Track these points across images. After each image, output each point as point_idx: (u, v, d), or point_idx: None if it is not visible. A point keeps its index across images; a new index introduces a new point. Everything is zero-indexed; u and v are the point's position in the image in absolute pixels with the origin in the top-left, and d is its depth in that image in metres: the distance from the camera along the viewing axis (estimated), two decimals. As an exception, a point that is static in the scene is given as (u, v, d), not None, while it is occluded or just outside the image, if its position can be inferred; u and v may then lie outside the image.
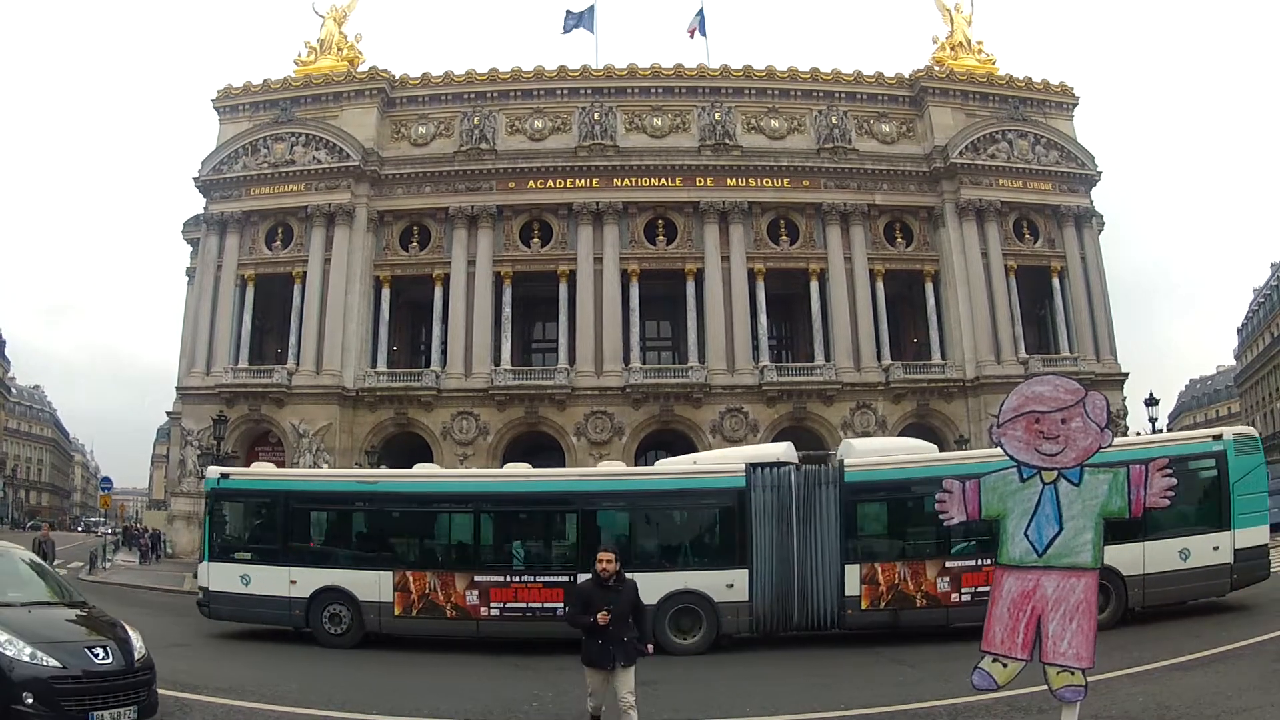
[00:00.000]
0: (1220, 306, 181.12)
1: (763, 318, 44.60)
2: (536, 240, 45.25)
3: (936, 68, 47.81)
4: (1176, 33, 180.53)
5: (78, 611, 9.79)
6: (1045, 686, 6.29)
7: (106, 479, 57.84)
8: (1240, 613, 17.31)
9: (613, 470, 21.21)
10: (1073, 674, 5.88)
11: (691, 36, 50.03)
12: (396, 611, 17.40)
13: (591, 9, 48.92)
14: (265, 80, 46.80)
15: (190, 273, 50.09)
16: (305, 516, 19.09)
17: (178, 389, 45.15)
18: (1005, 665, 6.07)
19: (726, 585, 16.56)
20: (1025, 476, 6.22)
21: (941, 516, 6.69)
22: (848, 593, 16.45)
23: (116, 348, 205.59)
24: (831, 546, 16.66)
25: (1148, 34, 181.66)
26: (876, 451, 19.31)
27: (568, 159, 45.27)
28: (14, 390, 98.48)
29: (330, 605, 17.61)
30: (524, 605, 16.98)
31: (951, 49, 49.06)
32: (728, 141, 45.31)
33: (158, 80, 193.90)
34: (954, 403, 43.78)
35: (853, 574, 16.49)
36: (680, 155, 45.44)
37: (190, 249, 51.37)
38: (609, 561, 9.02)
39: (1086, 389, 6.22)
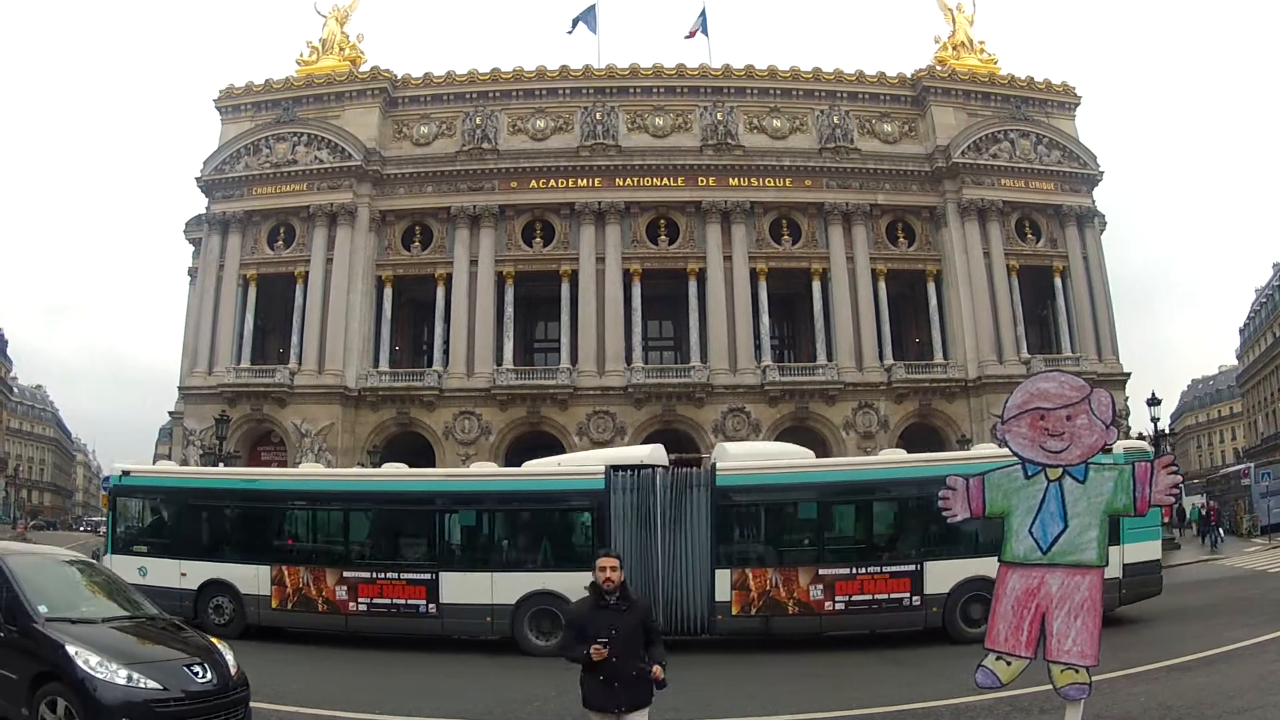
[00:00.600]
0: (1222, 306, 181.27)
1: (765, 317, 44.60)
2: (539, 240, 45.25)
3: (938, 67, 47.78)
4: (1178, 33, 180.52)
5: (160, 625, 9.16)
6: (1046, 686, 6.28)
7: (108, 478, 57.78)
8: (1240, 613, 17.31)
9: (476, 471, 21.63)
10: (1077, 672, 5.86)
11: (690, 38, 49.96)
12: (274, 604, 17.82)
13: (593, 8, 48.88)
14: (267, 80, 46.80)
15: (192, 273, 50.09)
16: (195, 512, 19.54)
17: (180, 389, 45.12)
18: (1009, 663, 6.06)
19: (584, 587, 16.48)
20: (1030, 473, 6.20)
21: (945, 514, 6.68)
22: (718, 598, 16.25)
23: (118, 348, 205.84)
24: (702, 550, 16.46)
25: (1149, 34, 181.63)
26: (750, 456, 19.29)
27: (570, 159, 45.26)
28: (16, 390, 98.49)
29: (215, 597, 18.08)
30: (389, 602, 17.19)
31: (953, 48, 49.03)
32: (730, 141, 45.29)
33: (159, 80, 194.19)
34: (956, 402, 43.76)
35: (723, 579, 16.32)
36: (682, 155, 45.43)
37: (192, 249, 51.35)
38: (612, 570, 6.81)
39: (1092, 387, 6.20)
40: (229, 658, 8.58)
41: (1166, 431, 43.02)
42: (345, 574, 17.47)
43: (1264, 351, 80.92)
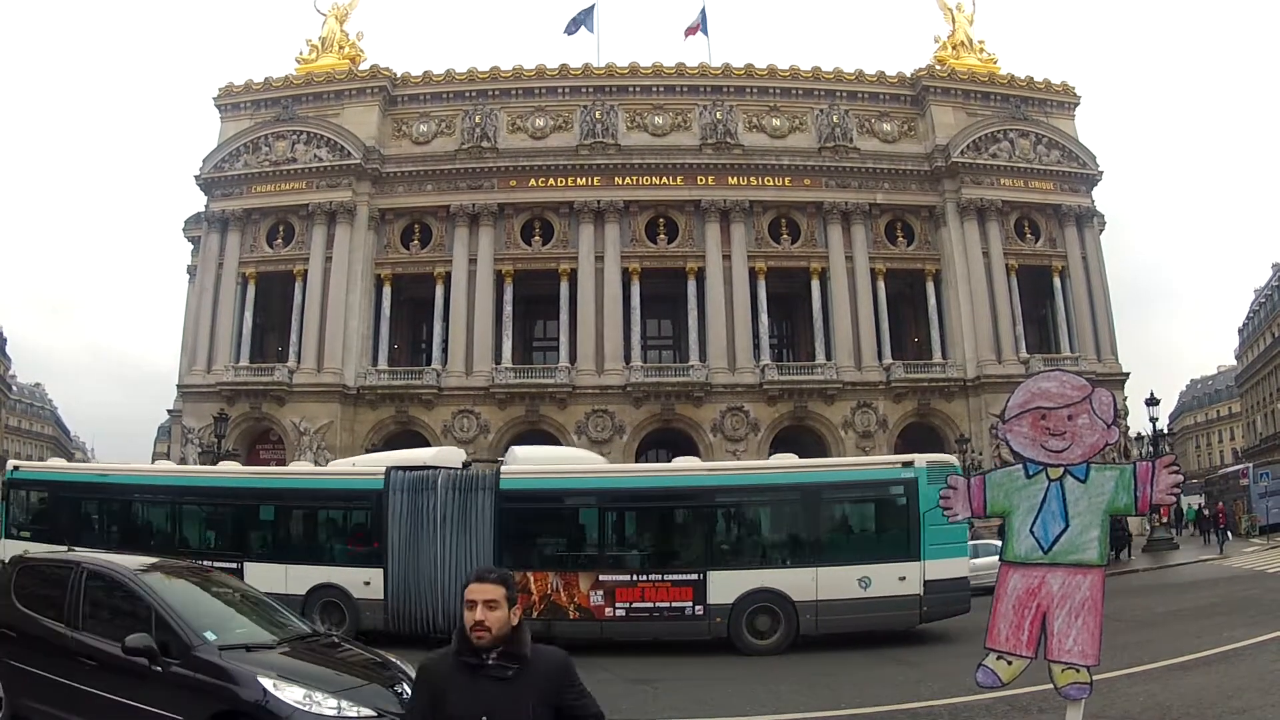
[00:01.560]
0: (1221, 307, 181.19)
1: (764, 317, 44.60)
2: (538, 239, 45.23)
3: (938, 67, 47.78)
4: (1177, 33, 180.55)
5: (324, 642, 8.22)
6: (1045, 686, 6.27)
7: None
8: (1238, 613, 17.32)
9: (281, 470, 24.05)
10: (1078, 671, 5.85)
11: (687, 37, 49.92)
12: None
13: (592, 8, 48.87)
14: (267, 78, 46.79)
15: (191, 271, 50.04)
16: (69, 503, 20.93)
17: (179, 387, 45.08)
18: (1010, 662, 6.05)
19: (364, 583, 17.12)
20: (1031, 473, 6.19)
21: (946, 514, 6.67)
22: (535, 594, 16.39)
23: (117, 346, 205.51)
24: (484, 552, 16.58)
25: (1149, 34, 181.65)
26: (537, 460, 19.35)
27: (569, 157, 45.25)
28: (15, 388, 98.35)
29: None
30: None
31: (953, 48, 49.05)
32: (729, 140, 45.28)
33: (159, 78, 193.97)
34: (955, 402, 43.78)
35: (523, 582, 16.35)
36: (681, 154, 45.42)
37: (191, 247, 51.30)
38: (488, 607, 3.89)
39: (1094, 386, 6.19)
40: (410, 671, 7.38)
41: (1165, 431, 43.03)
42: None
43: (1263, 352, 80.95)
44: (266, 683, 6.65)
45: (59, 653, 7.66)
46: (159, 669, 6.93)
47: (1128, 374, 44.75)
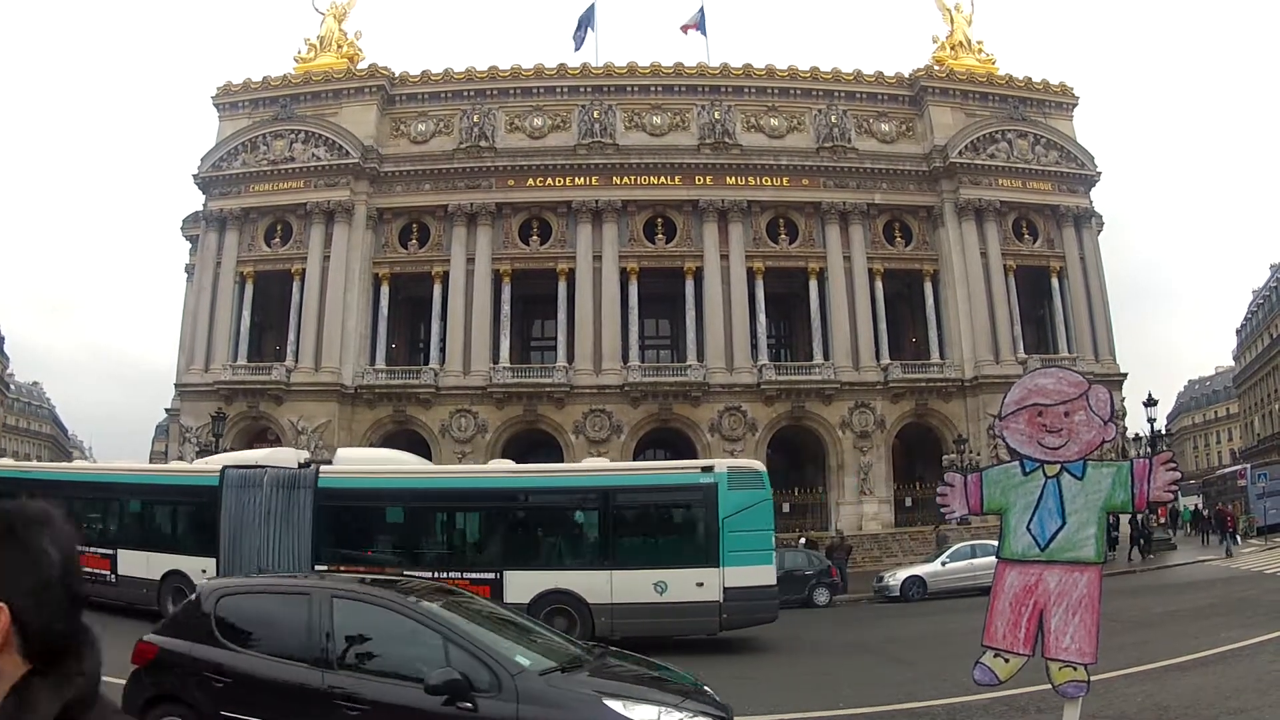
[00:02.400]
0: (1219, 308, 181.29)
1: (761, 316, 44.57)
2: (536, 238, 45.20)
3: (936, 67, 47.77)
4: (1176, 34, 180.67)
5: (608, 654, 7.58)
6: (1042, 685, 6.25)
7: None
8: (1236, 613, 17.32)
9: (130, 466, 25.02)
10: (1075, 669, 5.84)
11: (685, 33, 49.90)
12: None
13: (592, 7, 48.85)
14: (265, 77, 46.74)
15: (189, 270, 49.98)
16: None
17: (176, 386, 45.02)
18: (1007, 660, 6.03)
19: (202, 570, 17.99)
20: (1028, 470, 6.18)
21: (943, 510, 6.65)
22: None
23: (115, 344, 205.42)
24: (304, 546, 17.56)
25: (1147, 35, 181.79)
26: (358, 461, 20.49)
27: (567, 157, 45.22)
28: (13, 387, 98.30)
29: None
30: (88, 570, 20.22)
31: (951, 49, 49.03)
32: (727, 140, 45.26)
33: (157, 77, 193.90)
34: (952, 402, 43.77)
35: None
36: (679, 154, 45.39)
37: (189, 246, 51.25)
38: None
39: (1090, 383, 6.18)
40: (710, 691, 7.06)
41: (1163, 432, 42.98)
42: None
43: (1261, 353, 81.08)
44: (615, 705, 6.04)
45: (303, 698, 6.57)
46: (468, 706, 6.01)
47: (1126, 374, 44.76)
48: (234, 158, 45.50)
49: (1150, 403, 37.14)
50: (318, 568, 17.14)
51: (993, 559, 21.38)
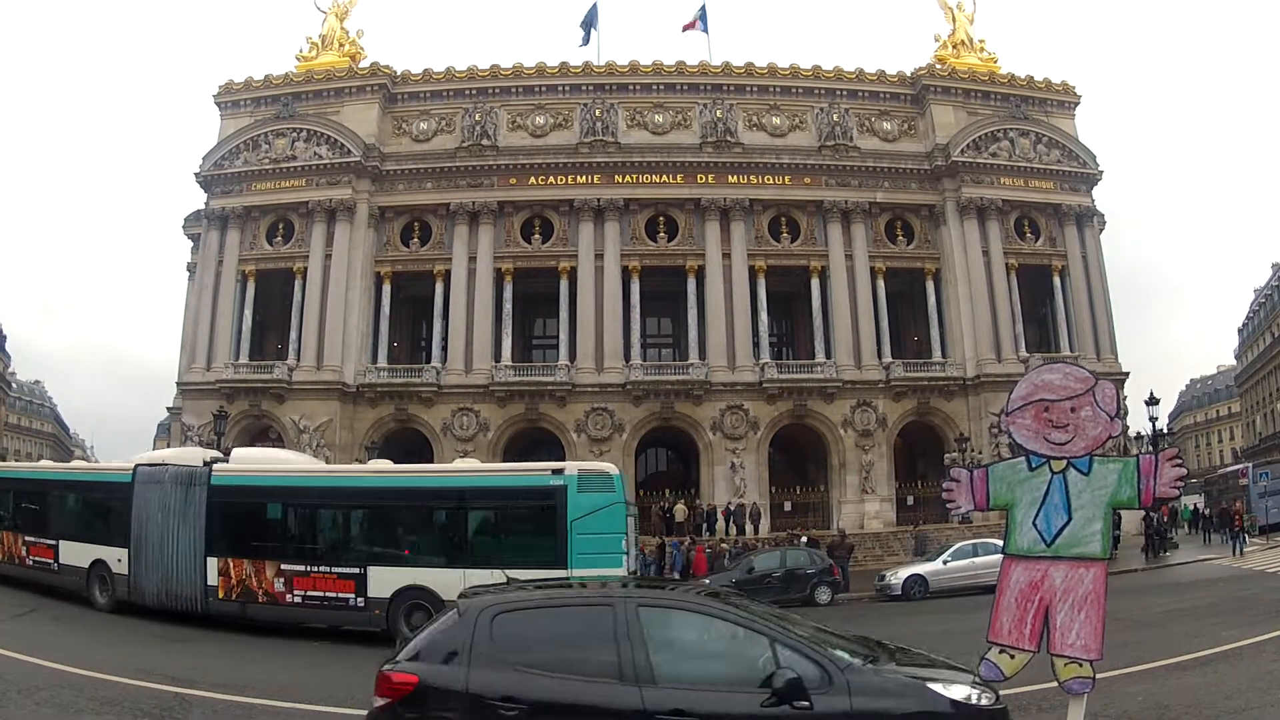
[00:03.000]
0: (1221, 306, 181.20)
1: (763, 315, 44.57)
2: (538, 236, 45.21)
3: (938, 66, 47.75)
4: (1178, 32, 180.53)
5: (909, 653, 7.18)
6: (1044, 685, 6.24)
7: None
8: (1237, 612, 17.32)
9: (68, 466, 29.01)
10: (1081, 665, 5.84)
11: (685, 31, 49.87)
12: None
13: (595, 7, 48.84)
14: (267, 76, 46.78)
15: (191, 268, 50.00)
16: None
17: (178, 384, 45.06)
18: (1012, 656, 6.03)
19: (118, 560, 19.93)
20: (1034, 465, 6.17)
21: (949, 506, 6.63)
22: (210, 582, 18.58)
23: (117, 343, 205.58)
24: (198, 540, 18.82)
25: (1150, 33, 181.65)
26: (249, 460, 21.63)
27: (569, 155, 45.22)
28: (14, 385, 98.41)
29: None
30: (35, 559, 22.46)
31: (953, 47, 49.02)
32: (729, 139, 45.25)
33: (159, 75, 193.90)
34: (954, 401, 43.77)
35: (213, 566, 18.61)
36: (681, 152, 45.39)
37: (191, 244, 51.27)
38: None
39: (1097, 378, 6.17)
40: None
41: (1165, 431, 43.01)
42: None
43: (1262, 351, 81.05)
44: (936, 687, 6.10)
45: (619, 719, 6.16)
46: (805, 705, 5.86)
47: (1127, 373, 44.69)
48: (236, 156, 45.52)
49: (1152, 401, 37.11)
50: (209, 559, 18.66)
51: (994, 558, 21.48)
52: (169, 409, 48.73)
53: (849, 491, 42.35)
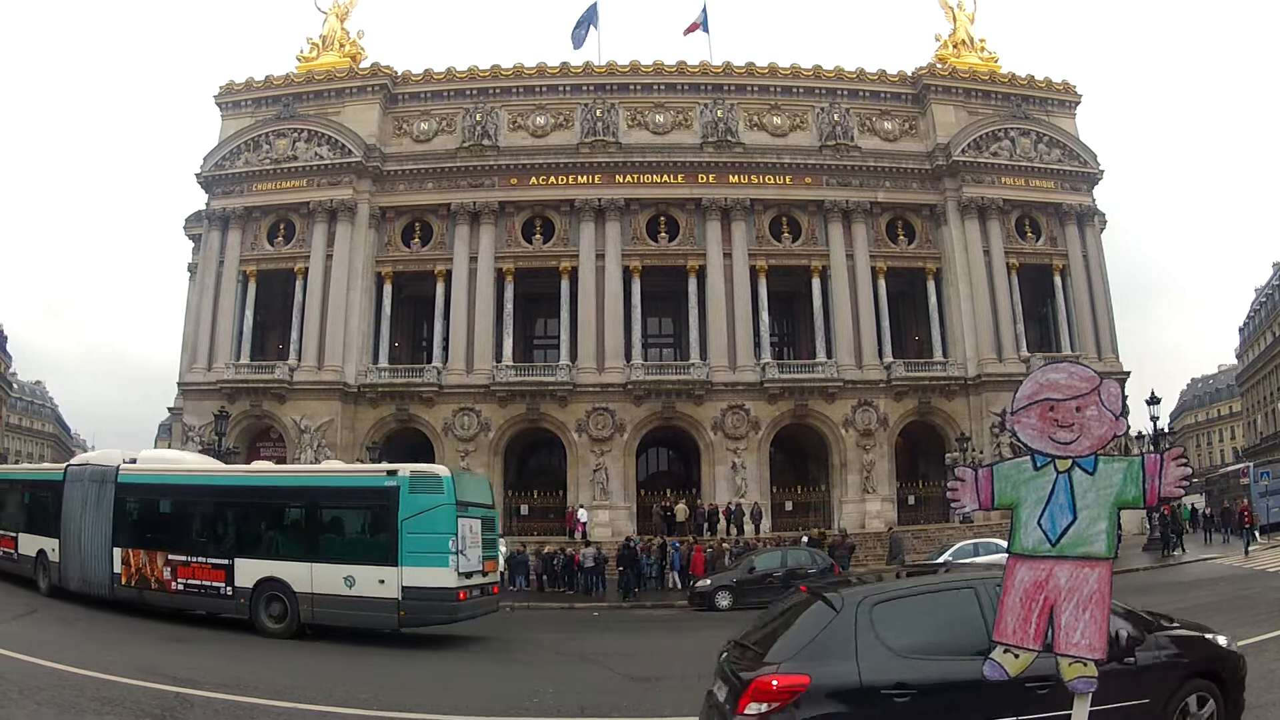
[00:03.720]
0: (1222, 305, 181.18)
1: (764, 315, 44.57)
2: (539, 236, 45.21)
3: (939, 65, 47.73)
4: (1179, 31, 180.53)
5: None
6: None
7: None
8: (1238, 612, 17.30)
9: (11, 467, 30.63)
10: (1085, 665, 5.82)
11: (687, 34, 49.80)
12: None
13: (594, 6, 48.80)
14: (268, 76, 46.78)
15: (192, 269, 50.04)
16: None
17: (179, 385, 45.07)
18: (1017, 656, 6.00)
19: (50, 550, 22.14)
20: (1039, 465, 6.15)
21: (954, 505, 6.63)
22: (115, 570, 20.22)
23: (118, 344, 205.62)
24: (107, 532, 20.60)
25: (1151, 32, 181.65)
26: (149, 460, 23.05)
27: (570, 155, 45.21)
28: (15, 386, 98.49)
29: None
30: None
31: (954, 47, 49.01)
32: (730, 138, 45.24)
33: (160, 76, 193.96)
34: (955, 400, 43.76)
35: (118, 556, 20.29)
36: (682, 152, 45.37)
37: (192, 245, 51.32)
38: None
39: (1102, 378, 6.15)
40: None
41: (1166, 430, 42.97)
42: None
43: (1264, 351, 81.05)
44: (1209, 637, 8.31)
45: (995, 691, 6.38)
46: (1131, 661, 7.04)
47: (1128, 373, 44.65)
48: (237, 157, 45.52)
49: (1153, 400, 37.12)
50: (115, 549, 20.34)
51: (994, 557, 21.53)
52: (170, 409, 48.74)
53: (850, 491, 42.34)
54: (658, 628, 23.23)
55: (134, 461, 22.02)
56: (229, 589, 18.66)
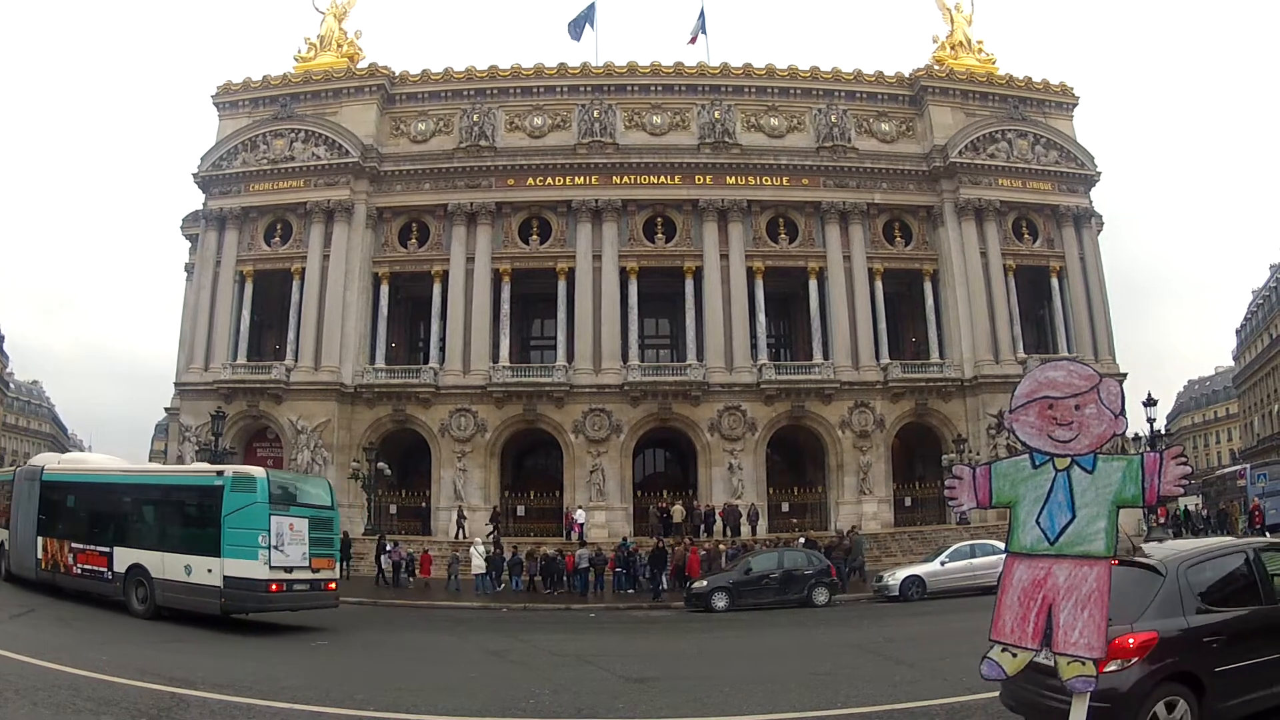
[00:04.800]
0: (1219, 308, 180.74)
1: (761, 316, 44.57)
2: (535, 237, 45.19)
3: (936, 67, 47.77)
4: (1176, 32, 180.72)
5: None
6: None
7: None
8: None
9: None
10: (1084, 664, 5.82)
11: (693, 42, 49.84)
12: None
13: (592, 6, 48.79)
14: (265, 76, 46.74)
15: (189, 268, 49.95)
16: None
17: (176, 385, 45.04)
18: (1015, 655, 6.00)
19: (5, 541, 24.83)
20: (1037, 463, 6.14)
21: (951, 504, 6.63)
22: (39, 556, 22.74)
23: (115, 343, 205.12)
24: (34, 524, 23.22)
25: (1148, 34, 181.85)
26: (68, 460, 27.42)
27: (567, 156, 45.20)
28: (12, 385, 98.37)
29: None
30: None
31: (951, 48, 49.04)
32: (727, 140, 45.25)
33: (157, 75, 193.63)
34: (952, 402, 43.77)
35: (40, 544, 22.80)
36: (679, 153, 45.39)
37: (189, 245, 51.21)
38: None
39: (1101, 376, 6.15)
40: None
41: (1163, 432, 42.94)
42: None
43: (1260, 353, 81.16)
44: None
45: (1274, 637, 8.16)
46: None
47: (1125, 374, 44.54)
48: (234, 157, 45.48)
49: (1150, 402, 37.07)
50: (39, 538, 22.80)
51: (992, 558, 21.55)
52: (167, 409, 48.71)
53: (847, 492, 42.34)
54: (654, 629, 23.20)
55: (59, 463, 25.63)
56: (110, 574, 20.67)
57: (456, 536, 38.71)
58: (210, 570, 18.81)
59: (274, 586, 18.86)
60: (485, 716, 11.22)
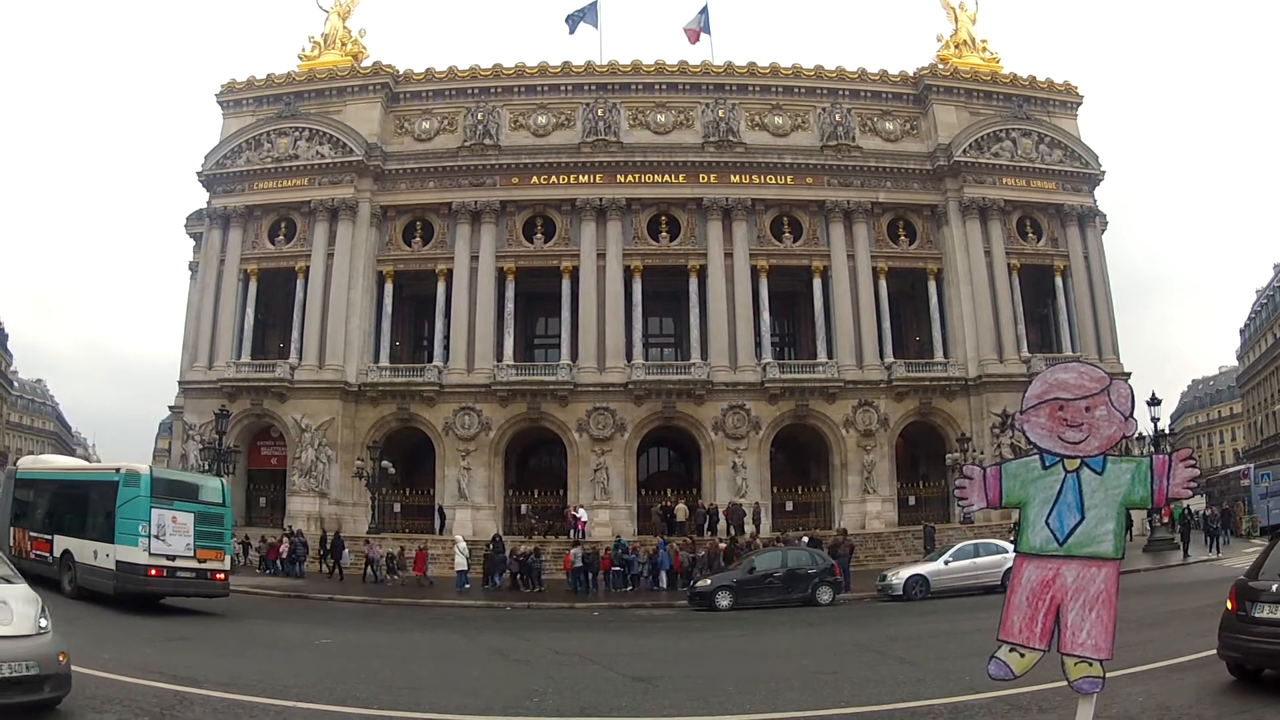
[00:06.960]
0: (1223, 307, 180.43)
1: (765, 315, 44.56)
2: (540, 236, 45.20)
3: (940, 66, 47.70)
4: (1181, 32, 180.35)
5: None
6: (1043, 685, 6.20)
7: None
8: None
9: None
10: (1091, 665, 5.80)
11: (694, 41, 49.67)
12: None
13: (595, 4, 48.74)
14: (269, 75, 46.79)
15: (193, 267, 50.05)
16: None
17: (180, 383, 45.10)
18: (1023, 655, 5.99)
19: None
20: (1047, 464, 6.13)
21: (961, 503, 6.61)
22: (10, 544, 24.41)
23: (119, 342, 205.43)
24: (7, 515, 25.42)
25: (1152, 33, 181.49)
26: (38, 461, 30.61)
27: (571, 155, 45.21)
28: (16, 384, 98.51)
29: None
30: None
31: (956, 47, 48.97)
32: (731, 138, 45.22)
33: (161, 74, 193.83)
34: (956, 401, 43.73)
35: (12, 533, 24.91)
36: (684, 152, 45.37)
37: (193, 243, 51.33)
38: None
39: (1112, 378, 6.14)
40: None
41: (1166, 432, 42.91)
42: None
43: (1264, 352, 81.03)
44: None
45: None
46: None
47: (1129, 374, 44.52)
48: (238, 155, 45.52)
49: (1154, 402, 37.05)
50: (10, 528, 24.80)
51: (995, 558, 21.57)
52: (171, 408, 48.76)
53: (851, 491, 42.31)
54: (657, 627, 23.17)
55: (33, 463, 28.50)
56: (51, 558, 22.84)
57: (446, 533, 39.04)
58: (108, 555, 20.97)
59: (153, 571, 20.89)
60: (488, 714, 11.20)
